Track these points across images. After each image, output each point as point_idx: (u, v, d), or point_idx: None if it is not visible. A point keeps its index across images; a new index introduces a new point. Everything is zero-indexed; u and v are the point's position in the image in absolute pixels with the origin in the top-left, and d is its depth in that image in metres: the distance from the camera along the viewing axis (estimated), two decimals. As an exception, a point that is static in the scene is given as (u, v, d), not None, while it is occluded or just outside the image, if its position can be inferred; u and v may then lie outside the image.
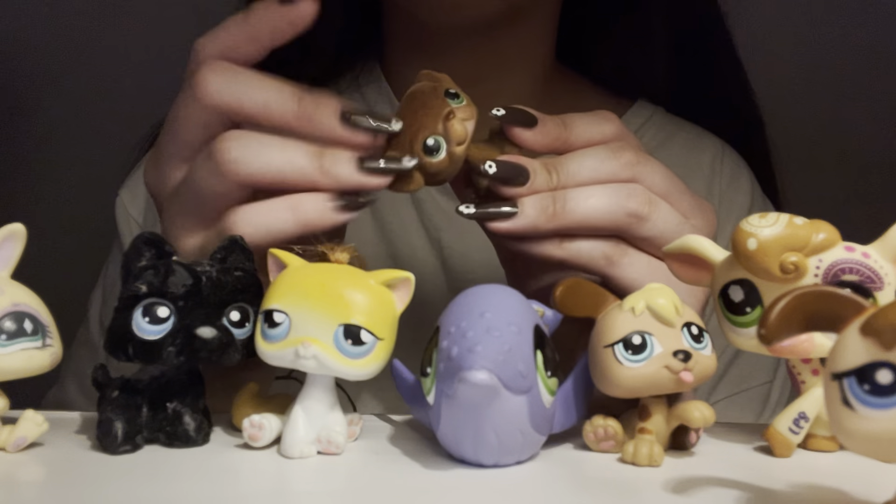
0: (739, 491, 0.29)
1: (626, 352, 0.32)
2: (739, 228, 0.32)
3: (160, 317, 0.32)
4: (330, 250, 0.33)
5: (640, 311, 0.32)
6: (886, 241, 0.32)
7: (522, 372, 0.29)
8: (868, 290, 0.32)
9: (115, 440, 0.32)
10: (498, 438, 0.30)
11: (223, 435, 0.35)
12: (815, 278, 0.32)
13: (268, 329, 0.32)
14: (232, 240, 0.35)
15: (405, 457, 0.33)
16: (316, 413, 0.32)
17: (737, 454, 0.34)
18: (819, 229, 0.32)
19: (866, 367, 0.22)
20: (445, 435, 0.31)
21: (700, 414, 0.32)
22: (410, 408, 0.36)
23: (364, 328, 0.31)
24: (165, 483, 0.29)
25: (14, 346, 0.30)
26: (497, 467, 0.31)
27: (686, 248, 0.35)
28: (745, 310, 0.33)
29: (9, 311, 0.31)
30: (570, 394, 0.34)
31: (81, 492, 0.28)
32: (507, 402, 0.29)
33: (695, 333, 0.32)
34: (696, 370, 0.32)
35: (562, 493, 0.29)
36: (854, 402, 0.22)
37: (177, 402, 0.33)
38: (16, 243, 0.32)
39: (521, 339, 0.30)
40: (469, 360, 0.28)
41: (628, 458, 0.32)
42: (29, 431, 0.32)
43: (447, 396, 0.30)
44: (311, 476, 0.30)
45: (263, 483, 0.30)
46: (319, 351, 0.31)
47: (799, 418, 0.33)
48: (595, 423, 0.33)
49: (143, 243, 0.33)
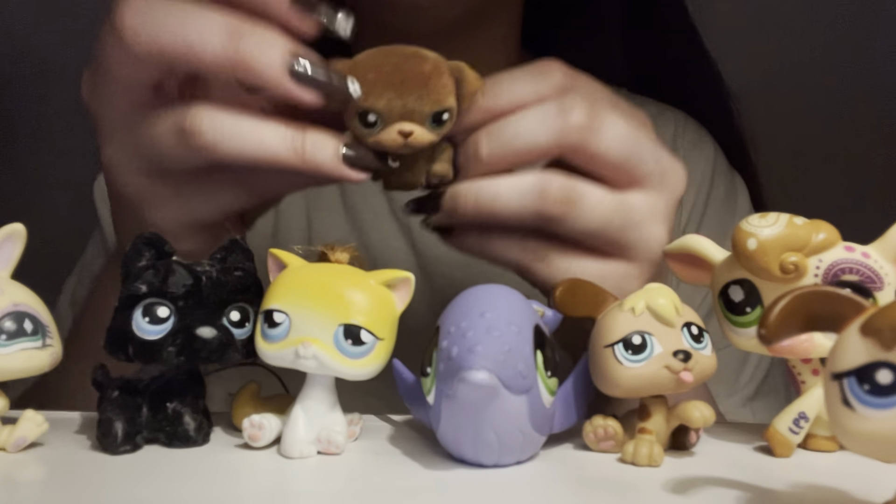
0: (739, 491, 0.29)
1: (626, 352, 0.32)
2: (739, 228, 0.32)
3: (160, 317, 0.32)
4: (330, 250, 0.33)
5: (640, 311, 0.32)
6: (886, 241, 0.32)
7: (522, 372, 0.29)
8: (868, 290, 0.32)
9: (115, 440, 0.32)
10: (498, 438, 0.30)
11: (223, 435, 0.35)
12: (815, 278, 0.32)
13: (268, 329, 0.32)
14: (232, 240, 0.35)
15: (405, 457, 0.33)
16: (316, 413, 0.32)
17: (737, 454, 0.34)
18: (819, 229, 0.32)
19: (866, 367, 0.22)
20: (445, 435, 0.31)
21: (700, 414, 0.32)
22: (410, 408, 0.36)
23: (364, 328, 0.31)
24: (165, 483, 0.29)
25: (14, 346, 0.30)
26: (497, 467, 0.31)
27: (686, 248, 0.35)
28: (745, 310, 0.33)
29: (9, 311, 0.31)
30: (570, 394, 0.34)
31: (81, 492, 0.28)
32: (507, 402, 0.29)
33: (695, 333, 0.32)
34: (696, 370, 0.32)
35: (562, 493, 0.29)
36: (854, 402, 0.22)
37: (177, 402, 0.33)
38: (16, 243, 0.32)
39: (521, 339, 0.30)
40: (469, 360, 0.28)
41: (628, 458, 0.32)
42: (29, 431, 0.32)
43: (447, 396, 0.30)
44: (311, 476, 0.30)
45: (263, 483, 0.30)
46: (319, 351, 0.31)
47: (799, 418, 0.33)
48: (595, 423, 0.33)
49: (143, 243, 0.33)
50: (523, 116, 0.36)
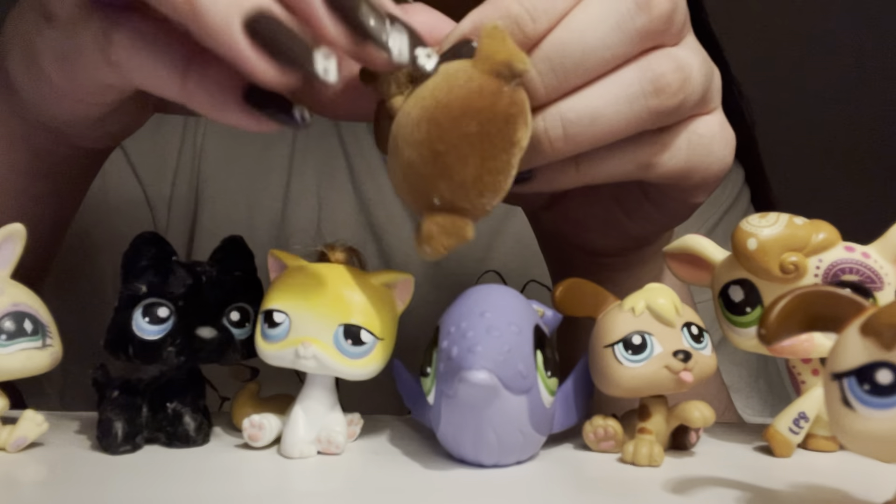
0: (739, 491, 0.29)
1: (626, 352, 0.32)
2: (739, 228, 0.32)
3: (160, 317, 0.32)
4: (330, 250, 0.33)
5: (640, 311, 0.32)
6: (886, 241, 0.32)
7: (522, 372, 0.29)
8: (868, 290, 0.32)
9: (115, 440, 0.32)
10: (498, 438, 0.30)
11: (223, 435, 0.35)
12: (815, 278, 0.32)
13: (268, 329, 0.32)
14: (232, 240, 0.35)
15: (405, 457, 0.33)
16: (316, 413, 0.32)
17: (737, 454, 0.34)
18: (819, 229, 0.32)
19: (866, 367, 0.22)
20: (445, 435, 0.31)
21: (700, 414, 0.32)
22: (410, 408, 0.36)
23: (364, 328, 0.31)
24: (165, 483, 0.29)
25: (14, 346, 0.30)
26: (497, 467, 0.31)
27: (686, 248, 0.35)
28: (745, 310, 0.33)
29: (9, 311, 0.31)
30: (570, 394, 0.34)
31: (81, 492, 0.28)
32: (507, 402, 0.29)
33: (695, 333, 0.32)
34: (696, 370, 0.32)
35: (562, 493, 0.29)
36: (854, 402, 0.22)
37: (177, 402, 0.33)
38: (16, 243, 0.32)
39: (521, 339, 0.30)
40: (469, 360, 0.28)
41: (628, 458, 0.32)
42: (29, 431, 0.32)
43: (447, 396, 0.30)
44: (311, 476, 0.30)
45: (263, 483, 0.30)
46: (319, 351, 0.31)
47: (799, 418, 0.33)
48: (595, 423, 0.33)
49: (143, 243, 0.33)
50: (583, 22, 0.29)
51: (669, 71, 0.30)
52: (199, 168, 0.60)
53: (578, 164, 0.32)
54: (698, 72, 0.31)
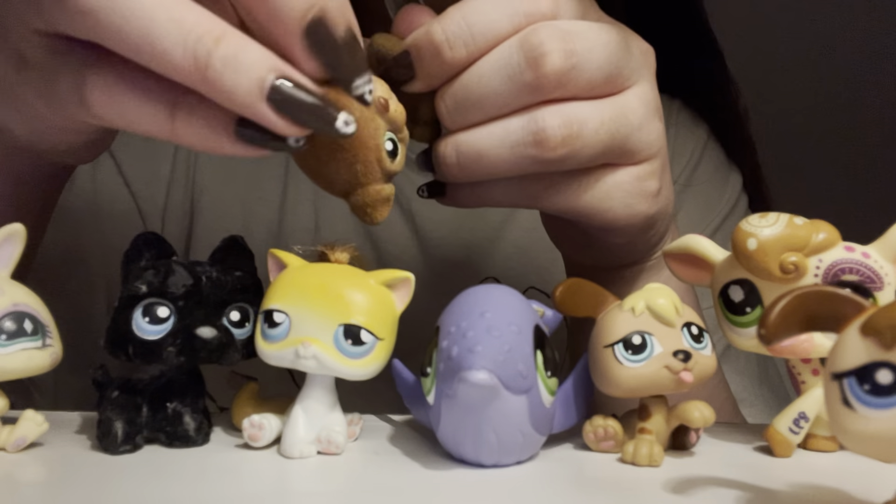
0: (739, 491, 0.29)
1: (626, 352, 0.32)
2: (739, 228, 0.32)
3: (160, 317, 0.32)
4: (330, 250, 0.33)
5: (640, 311, 0.32)
6: (886, 241, 0.32)
7: (522, 372, 0.29)
8: (868, 290, 0.32)
9: (115, 440, 0.32)
10: (498, 438, 0.30)
11: (223, 435, 0.35)
12: (815, 278, 0.32)
13: (268, 329, 0.32)
14: (232, 240, 0.35)
15: (405, 457, 0.33)
16: (316, 413, 0.32)
17: (737, 454, 0.34)
18: (819, 229, 0.32)
19: (866, 367, 0.22)
20: (445, 435, 0.31)
21: (700, 414, 0.32)
22: (410, 408, 0.36)
23: (364, 328, 0.31)
24: (165, 483, 0.29)
25: (14, 346, 0.30)
26: (497, 467, 0.31)
27: (686, 248, 0.35)
28: (745, 310, 0.33)
29: (9, 311, 0.31)
30: (570, 394, 0.34)
31: (81, 492, 0.28)
32: (507, 402, 0.29)
33: (695, 333, 0.32)
34: (696, 370, 0.32)
35: (562, 493, 0.29)
36: (854, 402, 0.22)
37: (177, 402, 0.33)
38: (16, 243, 0.32)
39: (521, 339, 0.30)
40: (469, 360, 0.28)
41: (628, 458, 0.32)
42: (29, 431, 0.32)
43: (447, 396, 0.30)
44: (311, 476, 0.30)
45: (263, 483, 0.30)
46: (319, 351, 0.31)
47: (799, 418, 0.33)
48: (595, 423, 0.33)
49: (143, 243, 0.33)
50: (484, 69, 0.33)
51: (553, 126, 0.33)
52: (193, 177, 0.59)
53: (472, 187, 0.36)
54: (596, 129, 0.34)
